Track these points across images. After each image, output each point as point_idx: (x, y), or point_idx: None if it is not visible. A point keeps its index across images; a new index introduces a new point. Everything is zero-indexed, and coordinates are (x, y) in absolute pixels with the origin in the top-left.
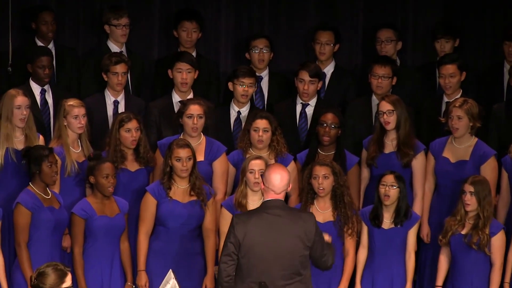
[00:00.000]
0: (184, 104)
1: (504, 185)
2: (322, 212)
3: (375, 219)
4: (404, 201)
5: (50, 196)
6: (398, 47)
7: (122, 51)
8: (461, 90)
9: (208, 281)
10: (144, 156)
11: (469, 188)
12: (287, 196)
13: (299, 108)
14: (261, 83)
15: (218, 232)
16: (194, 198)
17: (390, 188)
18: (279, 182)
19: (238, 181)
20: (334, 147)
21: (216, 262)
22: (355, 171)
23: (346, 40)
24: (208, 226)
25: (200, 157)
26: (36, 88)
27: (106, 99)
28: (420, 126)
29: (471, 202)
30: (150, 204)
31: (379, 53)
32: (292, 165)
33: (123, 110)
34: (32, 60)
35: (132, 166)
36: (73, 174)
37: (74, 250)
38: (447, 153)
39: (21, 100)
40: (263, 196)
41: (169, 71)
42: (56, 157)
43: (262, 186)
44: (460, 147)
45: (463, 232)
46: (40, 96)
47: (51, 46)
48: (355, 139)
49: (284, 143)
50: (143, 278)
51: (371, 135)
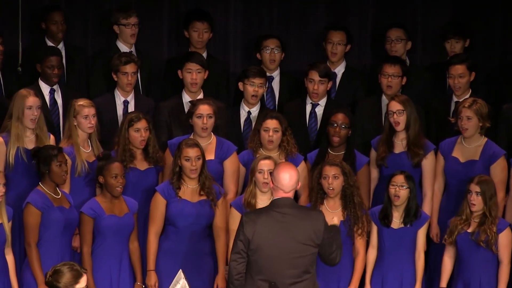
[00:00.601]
0: (194, 104)
1: None
2: (332, 212)
3: (384, 219)
4: (414, 201)
5: (60, 196)
6: (407, 47)
7: (132, 51)
8: (470, 90)
9: (219, 280)
10: (153, 156)
11: (475, 188)
12: (296, 196)
13: (309, 108)
14: (272, 83)
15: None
16: (204, 197)
17: (400, 189)
18: (288, 181)
19: (247, 180)
20: (344, 147)
21: (227, 262)
22: (365, 171)
23: (355, 40)
24: (219, 226)
25: (210, 156)
26: (45, 88)
27: (116, 99)
28: (429, 126)
29: (476, 202)
30: (159, 203)
31: (389, 52)
32: (302, 165)
33: (133, 110)
34: (41, 60)
35: (141, 165)
36: (83, 174)
37: (83, 250)
38: (457, 153)
39: (32, 100)
40: (272, 195)
41: (179, 72)
42: (66, 157)
43: (271, 185)
44: (469, 147)
45: (469, 230)
46: (49, 96)
47: (60, 46)
48: (364, 139)
49: (294, 143)
50: (153, 278)
51: (380, 135)
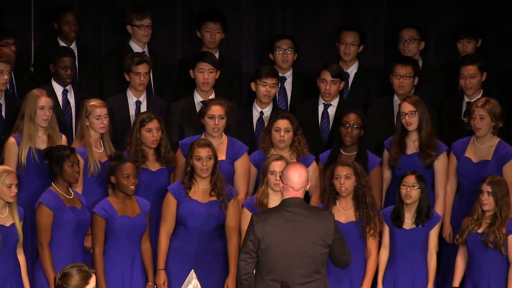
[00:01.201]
0: (206, 104)
1: None
2: (344, 212)
3: (396, 220)
4: (426, 201)
5: (72, 196)
6: (421, 47)
7: (144, 51)
8: (481, 91)
9: (230, 281)
10: (165, 156)
11: (486, 188)
12: (308, 196)
13: (321, 108)
14: (284, 84)
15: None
16: (214, 198)
17: (411, 189)
18: (298, 178)
19: (259, 181)
20: (356, 147)
21: None
22: (377, 171)
23: (368, 40)
24: (231, 226)
25: (221, 156)
26: (58, 89)
27: (128, 99)
28: (441, 127)
29: (488, 202)
30: (170, 203)
31: (402, 52)
32: (313, 165)
33: (145, 110)
34: (54, 60)
35: (153, 166)
36: (95, 174)
37: (95, 250)
38: (469, 153)
39: (44, 100)
40: (282, 196)
41: (190, 71)
42: (79, 157)
43: (281, 185)
44: (482, 147)
45: (479, 231)
46: (62, 96)
47: (73, 46)
48: (376, 139)
49: (305, 143)
50: (162, 277)
51: (392, 136)
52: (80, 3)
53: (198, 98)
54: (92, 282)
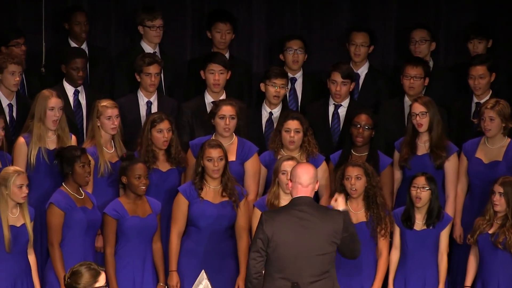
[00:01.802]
0: (216, 104)
1: None
2: (355, 212)
3: (407, 221)
4: (436, 202)
5: (83, 196)
6: (432, 48)
7: (156, 52)
8: (490, 91)
9: (240, 281)
10: (176, 156)
11: (498, 188)
12: (318, 197)
13: (331, 109)
14: (295, 85)
15: (250, 232)
16: (226, 198)
17: (421, 190)
18: (305, 174)
19: (270, 181)
20: (367, 148)
21: None
22: (388, 172)
23: (378, 40)
24: (241, 226)
25: (231, 157)
26: (69, 89)
27: (139, 99)
28: (451, 127)
29: (499, 203)
30: (181, 204)
31: (413, 53)
32: (323, 165)
33: (156, 110)
34: (67, 61)
35: (163, 166)
36: (106, 175)
37: (106, 251)
38: (480, 153)
39: (54, 101)
40: (292, 196)
41: (201, 72)
42: (89, 157)
43: (290, 184)
44: (492, 147)
45: (490, 232)
46: (74, 97)
47: (84, 47)
48: (387, 140)
49: (315, 144)
50: (175, 278)
51: (403, 136)
52: (91, 4)
53: (209, 99)
54: (101, 280)
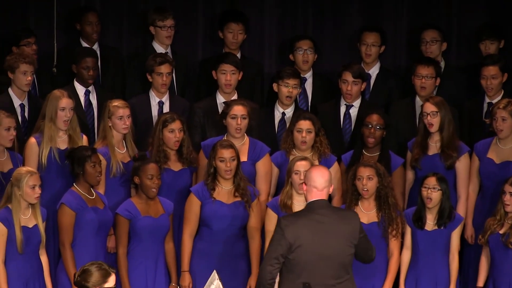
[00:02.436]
0: (228, 105)
1: None
2: (367, 213)
3: (418, 221)
4: (447, 202)
5: (94, 197)
6: (443, 48)
7: (167, 52)
8: (502, 91)
9: (252, 281)
10: (187, 157)
11: (509, 188)
12: (330, 197)
13: (343, 109)
14: (305, 85)
15: (263, 232)
16: (238, 199)
17: (432, 191)
18: (320, 177)
19: (282, 181)
20: (379, 148)
21: (260, 263)
22: (399, 172)
23: (390, 41)
24: (253, 227)
25: (243, 157)
26: (80, 89)
27: (151, 99)
28: (462, 127)
29: (510, 203)
30: (194, 205)
31: (424, 54)
32: (335, 166)
33: (168, 111)
34: (77, 61)
35: (175, 166)
36: (118, 175)
37: (118, 251)
38: (492, 154)
39: (65, 102)
40: (306, 199)
41: (213, 72)
42: (101, 157)
43: (305, 188)
44: (504, 148)
45: (501, 232)
46: (85, 97)
47: (95, 47)
48: (398, 140)
49: (327, 144)
50: (187, 279)
51: (415, 136)
52: (102, 4)
53: (221, 99)
54: (111, 281)
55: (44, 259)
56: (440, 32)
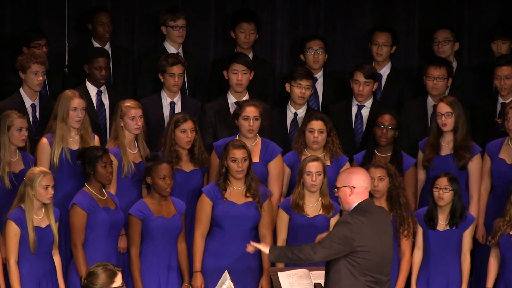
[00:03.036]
0: (240, 105)
1: None
2: None
3: (430, 221)
4: (459, 202)
5: (105, 197)
6: (455, 48)
7: (179, 52)
8: None
9: (264, 282)
10: (199, 157)
11: None
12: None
13: (354, 109)
14: (315, 85)
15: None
16: (250, 199)
17: (443, 191)
18: (367, 177)
19: (294, 182)
20: (391, 148)
21: (272, 264)
22: (411, 172)
23: (401, 41)
24: (264, 227)
25: (255, 158)
26: (92, 89)
27: (163, 100)
28: (475, 127)
29: None
30: (205, 205)
31: (436, 53)
32: (347, 166)
33: (180, 111)
34: (89, 61)
35: (187, 166)
36: (129, 175)
37: (131, 251)
38: (504, 154)
39: (77, 102)
40: (349, 204)
41: (224, 72)
42: (113, 157)
43: (348, 191)
44: None
45: (511, 232)
46: (96, 97)
47: (107, 47)
48: (410, 140)
49: (339, 144)
50: (199, 279)
51: (427, 137)
52: (114, 4)
53: (232, 99)
54: (118, 280)
55: (57, 259)
56: (452, 32)
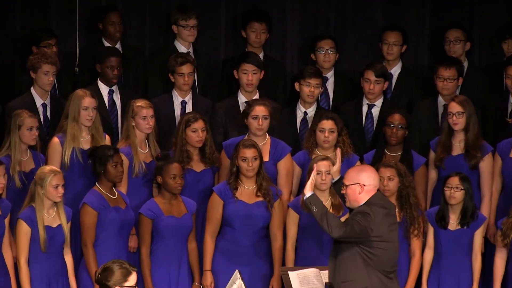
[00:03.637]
0: (250, 105)
1: None
2: None
3: (441, 220)
4: (470, 202)
5: (116, 196)
6: (466, 48)
7: (189, 52)
8: None
9: (274, 282)
10: (210, 156)
11: None
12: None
13: (365, 109)
14: (326, 84)
15: (285, 232)
16: (261, 199)
17: (455, 191)
18: (376, 175)
19: (304, 181)
20: (401, 147)
21: (283, 263)
22: (422, 172)
23: (412, 40)
24: (275, 227)
25: (265, 157)
26: (104, 89)
27: (174, 99)
28: (486, 127)
29: None
30: (216, 204)
31: (448, 53)
32: (358, 165)
33: (191, 110)
34: (101, 60)
35: (197, 166)
36: (140, 175)
37: (142, 250)
38: None
39: (88, 101)
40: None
41: (234, 72)
42: (123, 157)
43: (358, 189)
44: None
45: None
46: (108, 96)
47: (117, 47)
48: (421, 140)
49: (350, 144)
50: (209, 278)
51: (438, 136)
52: (125, 4)
53: (242, 99)
54: (132, 280)
55: (68, 258)
56: (463, 32)
